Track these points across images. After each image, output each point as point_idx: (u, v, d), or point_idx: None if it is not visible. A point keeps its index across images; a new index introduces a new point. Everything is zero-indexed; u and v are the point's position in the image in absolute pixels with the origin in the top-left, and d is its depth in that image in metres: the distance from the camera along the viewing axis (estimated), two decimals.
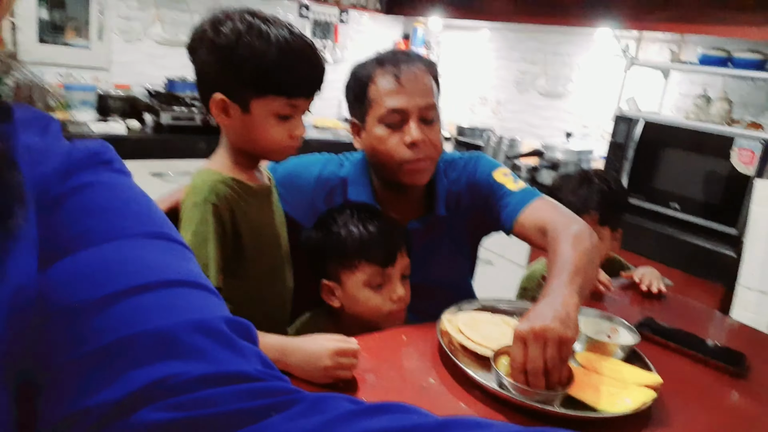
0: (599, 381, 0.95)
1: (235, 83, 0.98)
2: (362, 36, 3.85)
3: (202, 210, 0.97)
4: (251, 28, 0.96)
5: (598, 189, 1.48)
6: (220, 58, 0.97)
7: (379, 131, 1.21)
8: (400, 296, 1.13)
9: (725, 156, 2.08)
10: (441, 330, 1.04)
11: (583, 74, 3.06)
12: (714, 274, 2.01)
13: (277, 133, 1.01)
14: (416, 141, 1.18)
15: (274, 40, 0.96)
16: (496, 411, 0.87)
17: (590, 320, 1.13)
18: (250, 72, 0.97)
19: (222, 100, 0.99)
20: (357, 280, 1.12)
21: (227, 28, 0.96)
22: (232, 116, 1.00)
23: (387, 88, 1.19)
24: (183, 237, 0.90)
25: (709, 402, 1.00)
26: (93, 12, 2.83)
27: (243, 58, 0.96)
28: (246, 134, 1.02)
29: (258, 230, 1.06)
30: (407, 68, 1.20)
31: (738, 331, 1.37)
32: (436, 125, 1.24)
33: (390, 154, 1.21)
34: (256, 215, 1.06)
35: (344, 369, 0.88)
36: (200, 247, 0.96)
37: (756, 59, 2.17)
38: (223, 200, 0.99)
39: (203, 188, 0.99)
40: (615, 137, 2.42)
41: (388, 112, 1.19)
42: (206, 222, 0.97)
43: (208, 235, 0.96)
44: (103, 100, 2.74)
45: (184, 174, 2.67)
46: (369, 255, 1.11)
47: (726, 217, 2.09)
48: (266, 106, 0.99)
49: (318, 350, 0.88)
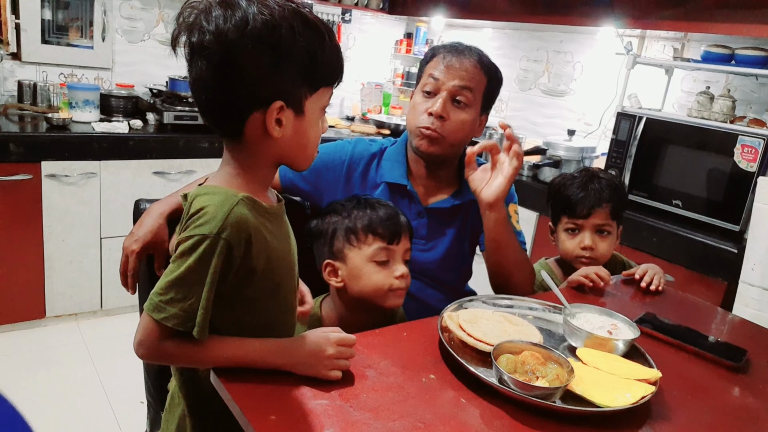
0: (599, 376, 0.95)
1: (291, 84, 0.83)
2: (365, 35, 3.85)
3: (209, 244, 0.80)
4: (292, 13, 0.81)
5: (607, 183, 1.50)
6: (273, 58, 0.80)
7: (417, 98, 1.38)
8: (402, 273, 1.20)
9: (728, 153, 2.08)
10: (441, 326, 1.04)
11: (586, 72, 3.06)
12: (716, 270, 2.00)
13: (318, 131, 0.90)
14: (435, 112, 1.33)
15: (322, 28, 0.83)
16: (496, 406, 0.87)
17: (591, 316, 1.13)
18: (309, 68, 0.83)
19: (280, 107, 0.83)
20: (363, 255, 1.19)
21: (263, 17, 0.78)
22: (284, 125, 0.84)
23: (437, 64, 1.36)
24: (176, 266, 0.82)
25: (710, 397, 1.00)
26: (97, 12, 2.84)
27: (300, 51, 0.81)
28: (294, 142, 0.87)
29: (274, 257, 0.90)
30: (461, 55, 1.35)
31: (739, 327, 1.36)
32: (466, 111, 1.36)
33: (415, 117, 1.37)
34: (273, 242, 0.90)
35: (345, 359, 0.90)
36: (193, 288, 0.82)
37: (759, 56, 2.16)
38: (241, 230, 0.82)
39: (217, 215, 0.81)
40: (617, 134, 2.42)
41: (426, 78, 1.36)
42: (208, 261, 0.81)
43: (206, 276, 0.81)
44: (105, 99, 2.75)
45: (186, 173, 2.69)
46: (377, 231, 1.19)
47: (728, 214, 2.09)
48: (318, 102, 0.87)
49: (320, 341, 0.89)
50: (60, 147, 2.38)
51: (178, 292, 0.82)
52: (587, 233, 1.49)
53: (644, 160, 2.34)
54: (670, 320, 1.25)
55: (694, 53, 2.57)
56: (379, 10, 3.65)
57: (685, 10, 2.26)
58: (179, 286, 0.82)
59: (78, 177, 2.44)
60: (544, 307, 1.22)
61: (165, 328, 0.83)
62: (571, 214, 1.51)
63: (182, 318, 0.82)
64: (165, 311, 0.82)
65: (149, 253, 1.17)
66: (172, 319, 0.82)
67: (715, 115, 2.25)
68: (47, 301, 2.52)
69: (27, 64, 2.75)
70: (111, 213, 2.57)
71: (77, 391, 2.21)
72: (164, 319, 0.82)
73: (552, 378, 0.89)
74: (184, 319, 0.82)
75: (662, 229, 2.15)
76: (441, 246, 1.43)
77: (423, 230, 1.41)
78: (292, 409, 0.81)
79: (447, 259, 1.43)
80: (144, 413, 1.37)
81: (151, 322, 0.83)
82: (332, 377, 0.88)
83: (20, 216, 2.37)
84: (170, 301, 0.82)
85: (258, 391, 0.84)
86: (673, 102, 2.71)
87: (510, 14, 2.96)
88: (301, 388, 0.85)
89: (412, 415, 0.82)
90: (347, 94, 3.84)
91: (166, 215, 1.17)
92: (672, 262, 2.08)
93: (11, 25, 2.60)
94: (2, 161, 2.26)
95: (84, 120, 2.59)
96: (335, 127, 3.44)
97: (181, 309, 0.82)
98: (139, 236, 1.14)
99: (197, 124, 2.75)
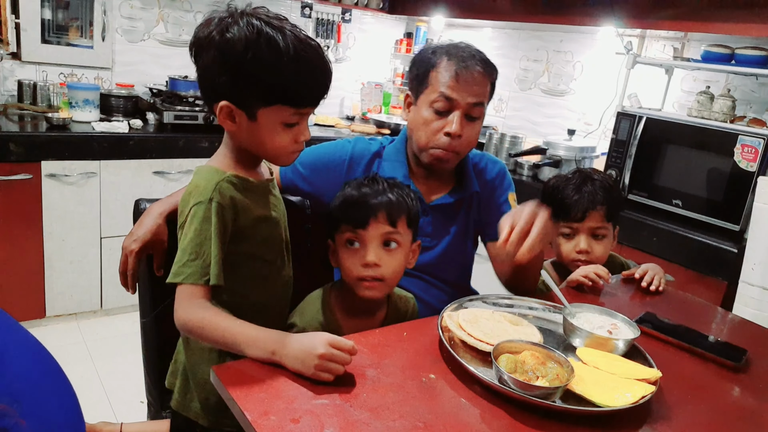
0: (599, 376, 0.95)
1: (242, 93, 0.96)
2: (365, 35, 3.85)
3: (205, 208, 0.97)
4: (260, 36, 0.93)
5: (601, 185, 1.49)
6: (227, 67, 0.94)
7: (426, 113, 1.34)
8: (368, 263, 1.11)
9: (728, 153, 2.08)
10: (441, 326, 1.04)
11: (586, 72, 3.06)
12: (716, 270, 2.00)
13: (282, 140, 1.01)
14: (453, 133, 1.31)
15: (284, 51, 0.93)
16: (496, 406, 0.87)
17: (591, 316, 1.13)
18: (258, 84, 0.95)
19: (227, 106, 0.97)
20: (341, 239, 1.16)
21: (235, 35, 0.93)
22: (237, 123, 0.99)
23: (446, 78, 1.32)
24: (184, 235, 0.95)
25: (710, 397, 1.00)
26: (97, 12, 2.84)
27: (252, 70, 0.93)
28: (251, 140, 1.01)
29: (257, 224, 1.06)
30: (469, 66, 1.31)
31: (739, 327, 1.36)
32: (477, 124, 1.36)
33: (427, 135, 1.34)
34: (255, 210, 1.05)
35: (336, 363, 0.88)
36: (203, 245, 0.96)
37: (759, 56, 2.16)
38: (226, 198, 0.99)
39: (207, 187, 0.98)
40: (617, 134, 2.42)
41: (439, 98, 1.32)
42: (209, 220, 0.96)
43: (211, 233, 0.96)
44: (105, 99, 2.75)
45: (186, 172, 2.68)
46: (346, 216, 1.14)
47: (728, 214, 2.09)
48: (273, 115, 0.98)
49: (314, 340, 0.89)
50: (60, 147, 2.38)
51: (191, 254, 0.96)
52: (582, 237, 1.49)
53: (644, 160, 2.34)
54: (670, 320, 1.24)
55: (694, 53, 2.57)
56: (379, 10, 3.65)
57: (685, 10, 2.26)
58: (190, 250, 0.96)
59: (78, 177, 2.44)
60: (544, 307, 1.22)
61: (190, 292, 0.95)
62: (566, 218, 1.50)
63: (198, 273, 0.96)
64: (183, 273, 0.96)
65: (149, 252, 1.17)
66: (190, 277, 0.95)
67: (715, 115, 2.25)
68: (47, 300, 2.52)
69: (27, 63, 2.75)
70: (111, 213, 2.57)
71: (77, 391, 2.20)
72: (184, 279, 0.95)
73: (552, 378, 0.90)
74: (200, 273, 0.96)
75: (662, 229, 2.15)
76: (444, 242, 1.43)
77: (428, 228, 1.41)
78: (292, 409, 0.81)
79: (450, 255, 1.43)
80: (144, 413, 1.37)
81: (178, 290, 0.97)
82: (321, 378, 0.87)
83: (20, 216, 2.36)
84: (186, 263, 0.96)
85: (258, 391, 0.84)
86: (673, 102, 2.71)
87: (510, 14, 2.96)
88: (301, 388, 0.85)
89: (412, 415, 0.82)
90: (347, 94, 3.84)
91: (165, 215, 1.17)
92: (672, 262, 2.08)
93: (11, 24, 2.60)
94: (2, 161, 2.26)
95: (84, 120, 2.59)
96: (335, 127, 3.43)
97: (195, 266, 0.96)
98: (138, 236, 1.14)
99: (197, 124, 2.75)
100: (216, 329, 0.93)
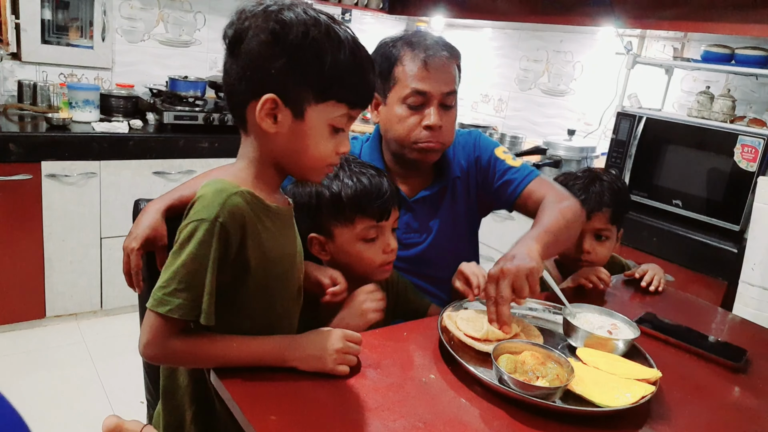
0: (599, 376, 0.95)
1: (295, 83, 0.84)
2: (365, 35, 3.84)
3: (207, 228, 0.82)
4: (318, 22, 0.83)
5: (608, 186, 1.48)
6: (280, 52, 0.82)
7: (399, 110, 1.31)
8: (393, 248, 1.16)
9: (728, 153, 2.08)
10: (441, 326, 1.04)
11: (586, 72, 3.06)
12: (716, 270, 2.00)
13: (326, 147, 0.88)
14: (433, 125, 1.29)
15: (344, 41, 0.85)
16: (496, 406, 0.87)
17: (591, 316, 1.13)
18: (317, 74, 0.84)
19: (273, 100, 0.84)
20: (352, 234, 1.13)
21: (293, 17, 0.82)
22: (279, 122, 0.85)
23: (414, 71, 1.27)
24: (177, 254, 0.83)
25: (710, 397, 1.00)
26: (97, 12, 2.84)
27: (311, 55, 0.83)
28: (289, 144, 0.87)
29: (269, 259, 0.90)
30: (435, 54, 1.28)
31: (739, 327, 1.36)
32: (453, 111, 1.34)
33: (407, 132, 1.30)
34: (270, 241, 0.89)
35: (352, 354, 0.91)
36: (196, 274, 0.82)
37: (759, 56, 2.16)
38: (236, 218, 0.83)
39: (214, 202, 0.83)
40: (617, 134, 2.42)
41: (412, 93, 1.28)
42: (208, 245, 0.82)
43: (208, 260, 0.82)
44: (105, 99, 2.75)
45: (186, 173, 2.69)
46: (365, 210, 1.12)
47: (728, 214, 2.09)
48: (324, 114, 0.87)
49: (330, 337, 0.90)
50: (60, 147, 2.38)
51: (181, 282, 0.82)
52: (585, 237, 1.48)
53: (644, 160, 2.34)
54: (670, 320, 1.24)
55: (694, 53, 2.57)
56: (379, 10, 3.65)
57: (685, 10, 2.26)
58: (181, 276, 0.82)
59: (78, 177, 2.44)
60: (544, 307, 1.22)
61: (171, 324, 0.83)
62: None
63: (188, 307, 0.82)
64: (170, 303, 0.81)
65: (149, 249, 1.16)
66: (178, 310, 0.81)
67: (715, 115, 2.25)
68: (47, 301, 2.52)
69: (27, 64, 2.75)
70: (111, 213, 2.57)
71: (77, 391, 2.21)
72: (170, 311, 0.81)
73: (552, 378, 0.90)
74: (189, 308, 0.82)
75: (662, 229, 2.15)
76: (433, 233, 1.41)
77: (414, 223, 1.40)
78: (292, 409, 0.81)
79: (441, 244, 1.41)
80: (144, 413, 1.37)
81: (156, 319, 0.83)
82: (340, 371, 0.89)
83: (20, 216, 2.37)
84: (174, 292, 0.81)
85: (258, 391, 0.84)
86: (673, 102, 2.71)
87: (510, 14, 2.96)
88: (302, 388, 0.85)
89: (412, 415, 0.82)
90: None
91: (162, 211, 1.17)
92: (672, 262, 2.08)
93: (11, 25, 2.60)
94: (2, 161, 2.26)
95: (84, 120, 2.59)
96: None
97: (185, 299, 0.82)
98: (137, 234, 1.14)
99: (197, 124, 2.75)
100: (208, 356, 0.86)
